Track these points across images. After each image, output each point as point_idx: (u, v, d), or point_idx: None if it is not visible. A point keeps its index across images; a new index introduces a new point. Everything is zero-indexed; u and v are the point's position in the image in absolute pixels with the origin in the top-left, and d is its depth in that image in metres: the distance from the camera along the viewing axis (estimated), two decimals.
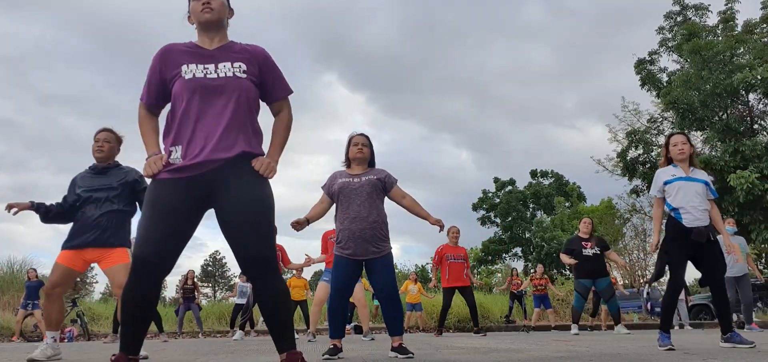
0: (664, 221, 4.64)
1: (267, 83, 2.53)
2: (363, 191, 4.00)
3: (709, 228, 4.44)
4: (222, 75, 2.39)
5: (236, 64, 2.42)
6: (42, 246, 64.58)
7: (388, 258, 4.04)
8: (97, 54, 68.91)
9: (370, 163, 4.22)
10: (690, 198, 4.42)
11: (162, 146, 2.44)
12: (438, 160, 63.95)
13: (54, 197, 4.59)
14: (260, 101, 2.57)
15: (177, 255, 2.33)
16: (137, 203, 4.58)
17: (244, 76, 2.42)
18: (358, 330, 12.35)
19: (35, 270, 13.21)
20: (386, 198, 4.18)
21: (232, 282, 49.20)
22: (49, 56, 63.87)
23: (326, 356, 3.93)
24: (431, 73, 64.02)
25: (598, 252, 8.61)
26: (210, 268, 55.23)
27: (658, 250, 4.67)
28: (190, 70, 2.39)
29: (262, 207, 2.33)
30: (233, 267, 53.35)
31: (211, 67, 2.40)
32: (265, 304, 2.35)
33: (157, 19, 70.43)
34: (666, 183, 4.54)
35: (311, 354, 4.40)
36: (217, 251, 58.12)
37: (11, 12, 59.99)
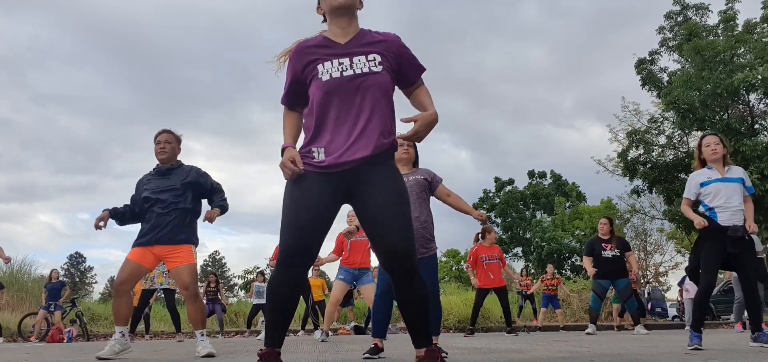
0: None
1: (403, 70, 2.52)
2: (412, 191, 3.99)
3: (743, 228, 4.42)
4: (358, 71, 2.36)
5: (371, 57, 2.39)
6: (42, 246, 64.61)
7: (433, 258, 4.09)
8: (93, 53, 68.82)
9: (415, 162, 4.25)
10: (728, 198, 4.41)
11: (300, 144, 2.47)
12: (437, 160, 63.76)
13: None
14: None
15: (320, 245, 2.36)
16: (204, 200, 4.75)
17: (380, 68, 2.39)
18: (358, 330, 12.35)
19: (57, 271, 13.16)
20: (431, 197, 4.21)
21: (231, 283, 49.12)
22: (45, 55, 63.79)
23: (367, 355, 3.98)
24: (428, 72, 63.16)
25: (618, 253, 8.52)
26: (210, 268, 55.21)
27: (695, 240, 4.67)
28: (327, 70, 2.37)
29: (404, 200, 2.33)
30: (233, 267, 53.37)
31: (347, 62, 2.37)
32: (405, 301, 2.32)
33: (154, 18, 70.44)
34: (702, 185, 4.50)
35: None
36: (216, 251, 58.15)
37: (6, 12, 59.99)
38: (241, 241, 76.04)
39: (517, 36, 63.30)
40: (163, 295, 11.12)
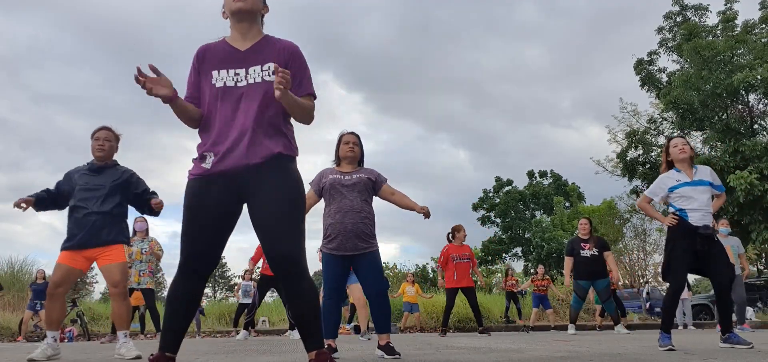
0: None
1: (293, 79, 2.48)
2: (354, 188, 4.07)
3: (713, 228, 4.46)
4: (251, 81, 2.38)
5: (266, 66, 2.40)
6: (42, 246, 64.54)
7: (375, 254, 4.09)
8: (93, 53, 68.80)
9: (360, 161, 4.27)
10: (698, 200, 4.44)
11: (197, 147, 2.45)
12: (436, 160, 63.85)
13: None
14: None
15: (220, 252, 2.38)
16: (129, 203, 4.65)
17: (273, 78, 2.38)
18: (357, 330, 12.36)
19: (44, 271, 13.16)
20: (376, 197, 4.25)
21: (232, 283, 49.12)
22: (44, 55, 63.70)
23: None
24: (427, 72, 63.63)
25: (597, 253, 8.63)
26: None
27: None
28: (221, 78, 2.39)
29: (291, 207, 2.34)
30: (234, 267, 53.28)
31: (242, 72, 2.39)
32: (293, 303, 2.36)
33: (154, 18, 70.47)
34: (671, 189, 4.53)
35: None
36: None
37: (6, 12, 59.95)
38: (241, 241, 76.09)
39: (517, 36, 63.41)
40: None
